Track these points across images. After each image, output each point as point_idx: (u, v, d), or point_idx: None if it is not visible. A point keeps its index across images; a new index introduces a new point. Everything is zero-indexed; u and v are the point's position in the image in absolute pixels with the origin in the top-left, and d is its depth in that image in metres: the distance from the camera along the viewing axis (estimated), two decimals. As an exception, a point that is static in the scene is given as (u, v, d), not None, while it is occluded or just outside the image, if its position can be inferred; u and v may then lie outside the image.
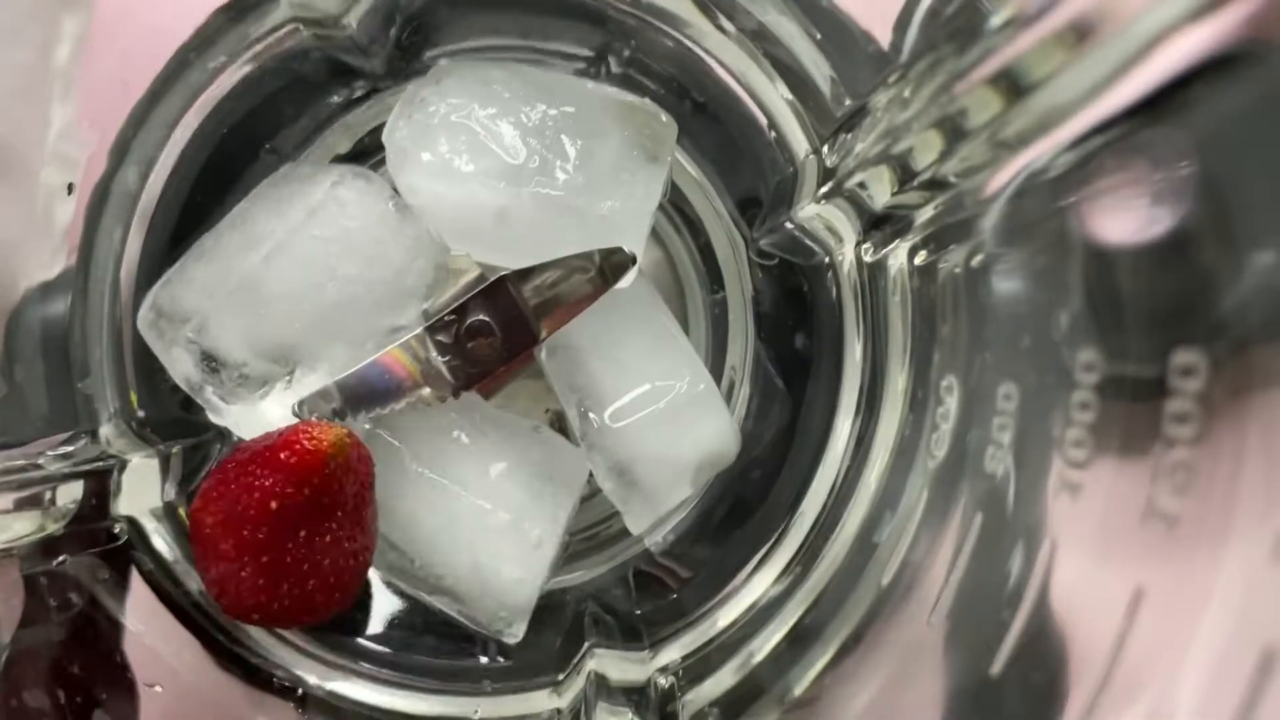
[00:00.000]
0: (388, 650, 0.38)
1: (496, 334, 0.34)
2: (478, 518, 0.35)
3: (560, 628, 0.37)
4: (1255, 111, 0.18)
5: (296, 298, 0.34)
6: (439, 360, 0.34)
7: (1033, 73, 0.23)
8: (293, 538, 0.30)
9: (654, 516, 0.37)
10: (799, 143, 0.35)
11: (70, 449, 0.34)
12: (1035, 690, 0.20)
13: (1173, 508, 0.17)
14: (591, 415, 0.36)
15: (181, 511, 0.37)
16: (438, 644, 0.38)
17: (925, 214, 0.30)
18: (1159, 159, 0.20)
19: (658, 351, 0.36)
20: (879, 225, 0.32)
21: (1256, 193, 0.18)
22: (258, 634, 0.35)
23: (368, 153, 0.40)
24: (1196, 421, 0.17)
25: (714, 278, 0.41)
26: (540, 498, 0.36)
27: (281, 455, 0.30)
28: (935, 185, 0.28)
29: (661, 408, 0.35)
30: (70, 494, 0.33)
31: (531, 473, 0.36)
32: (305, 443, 0.30)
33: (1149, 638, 0.17)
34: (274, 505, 0.30)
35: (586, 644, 0.35)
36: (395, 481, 0.35)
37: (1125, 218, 0.21)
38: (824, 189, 0.33)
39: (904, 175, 0.29)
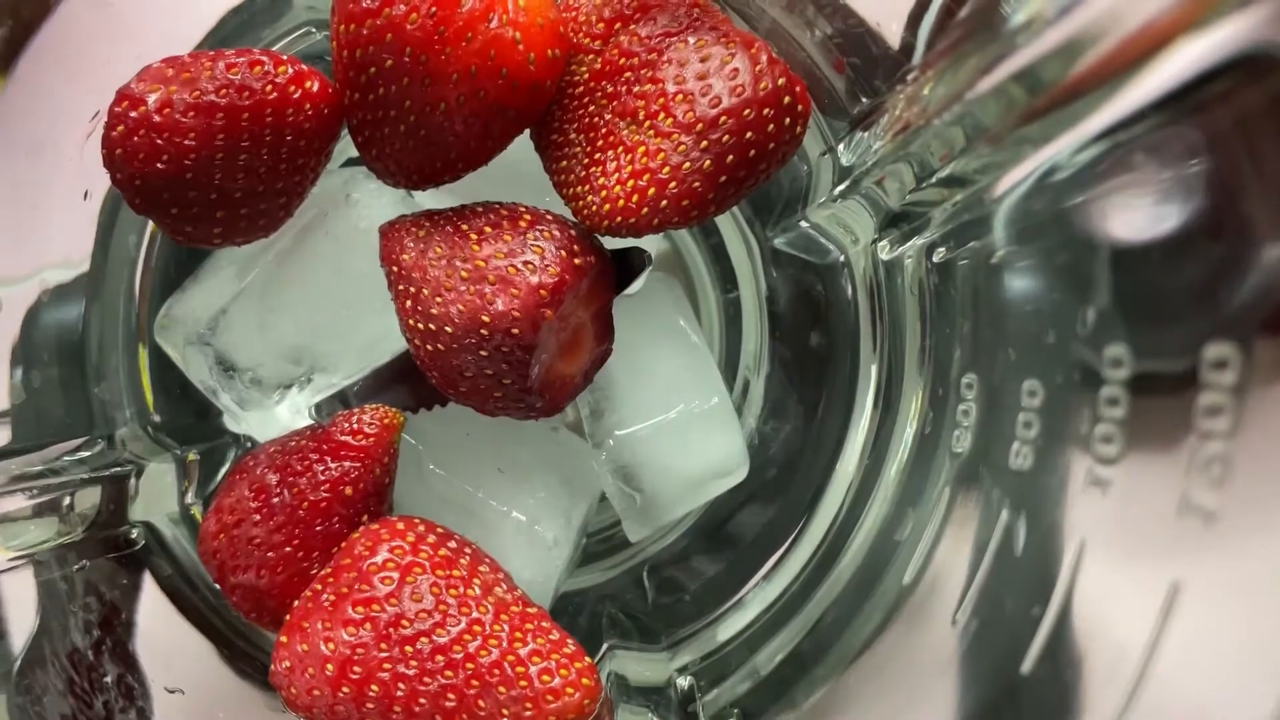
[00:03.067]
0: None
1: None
2: (492, 518, 0.35)
3: (578, 629, 0.37)
4: (1271, 108, 0.18)
5: (308, 297, 0.34)
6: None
7: (1054, 71, 0.23)
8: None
9: (653, 525, 0.37)
10: (813, 142, 0.35)
11: (87, 454, 0.34)
12: (1068, 687, 0.20)
13: (1209, 502, 0.17)
14: (603, 416, 0.36)
15: (195, 513, 0.37)
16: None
17: (943, 211, 0.30)
18: (1178, 155, 0.20)
19: (680, 362, 0.36)
20: (895, 223, 0.32)
21: (1273, 188, 0.18)
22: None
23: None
24: (1231, 414, 0.17)
25: (727, 277, 0.41)
26: (555, 499, 0.36)
27: (351, 440, 0.31)
28: (954, 182, 0.28)
29: (673, 418, 0.35)
30: (89, 499, 0.33)
31: (547, 474, 0.36)
32: (368, 423, 0.31)
33: (1185, 633, 0.17)
34: (348, 491, 0.30)
35: (605, 645, 0.35)
36: (411, 481, 0.35)
37: (1147, 214, 0.21)
38: (840, 187, 0.33)
39: (922, 172, 0.29)
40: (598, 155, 0.29)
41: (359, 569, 0.27)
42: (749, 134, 0.27)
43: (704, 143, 0.27)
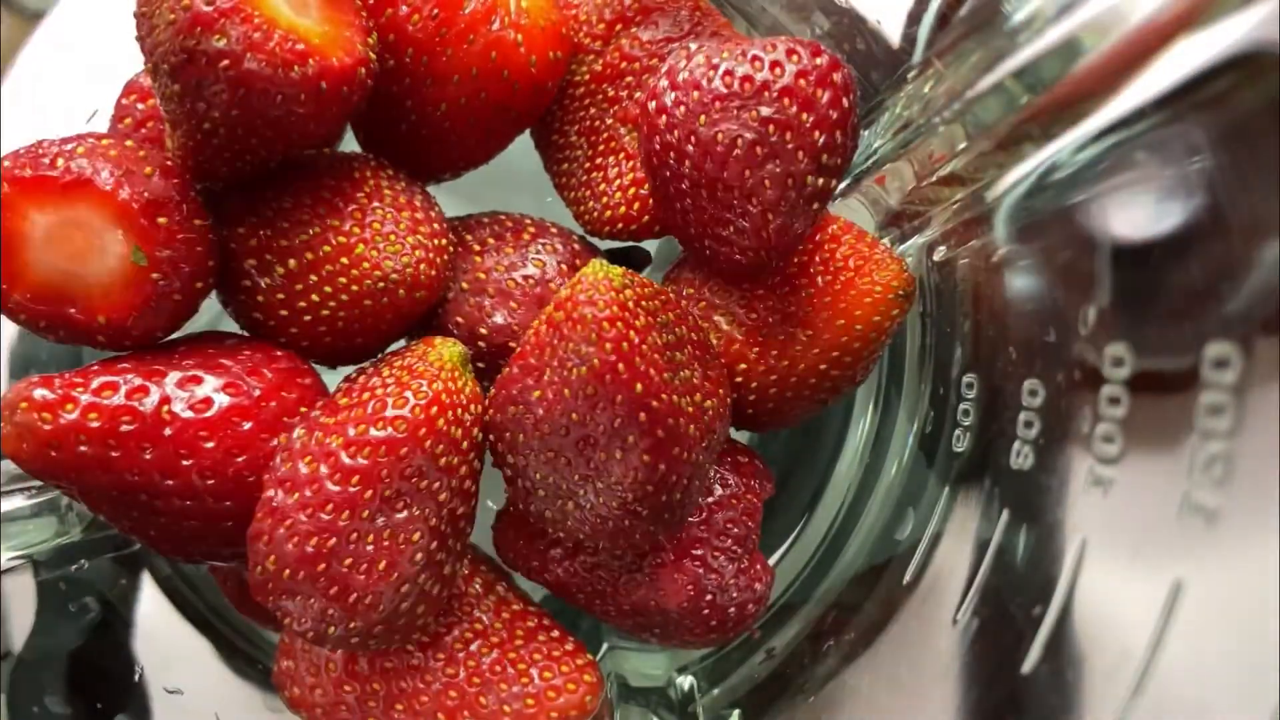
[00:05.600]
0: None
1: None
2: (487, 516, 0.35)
3: (579, 629, 0.37)
4: (1271, 108, 0.18)
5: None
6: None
7: (1055, 69, 0.23)
8: None
9: None
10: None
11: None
12: (1069, 687, 0.20)
13: (1211, 501, 0.17)
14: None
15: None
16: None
17: (944, 210, 0.30)
18: (1179, 154, 0.20)
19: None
20: (896, 221, 0.32)
21: (1274, 186, 0.18)
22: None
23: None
24: (1232, 413, 0.17)
25: (727, 277, 0.41)
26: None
27: None
28: (954, 180, 0.28)
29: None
30: (88, 499, 0.33)
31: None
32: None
33: (1187, 633, 0.17)
34: None
35: (605, 644, 0.35)
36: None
37: (1148, 212, 0.21)
38: (841, 186, 0.33)
39: (922, 171, 0.29)
40: (599, 160, 0.29)
41: None
42: None
43: None
